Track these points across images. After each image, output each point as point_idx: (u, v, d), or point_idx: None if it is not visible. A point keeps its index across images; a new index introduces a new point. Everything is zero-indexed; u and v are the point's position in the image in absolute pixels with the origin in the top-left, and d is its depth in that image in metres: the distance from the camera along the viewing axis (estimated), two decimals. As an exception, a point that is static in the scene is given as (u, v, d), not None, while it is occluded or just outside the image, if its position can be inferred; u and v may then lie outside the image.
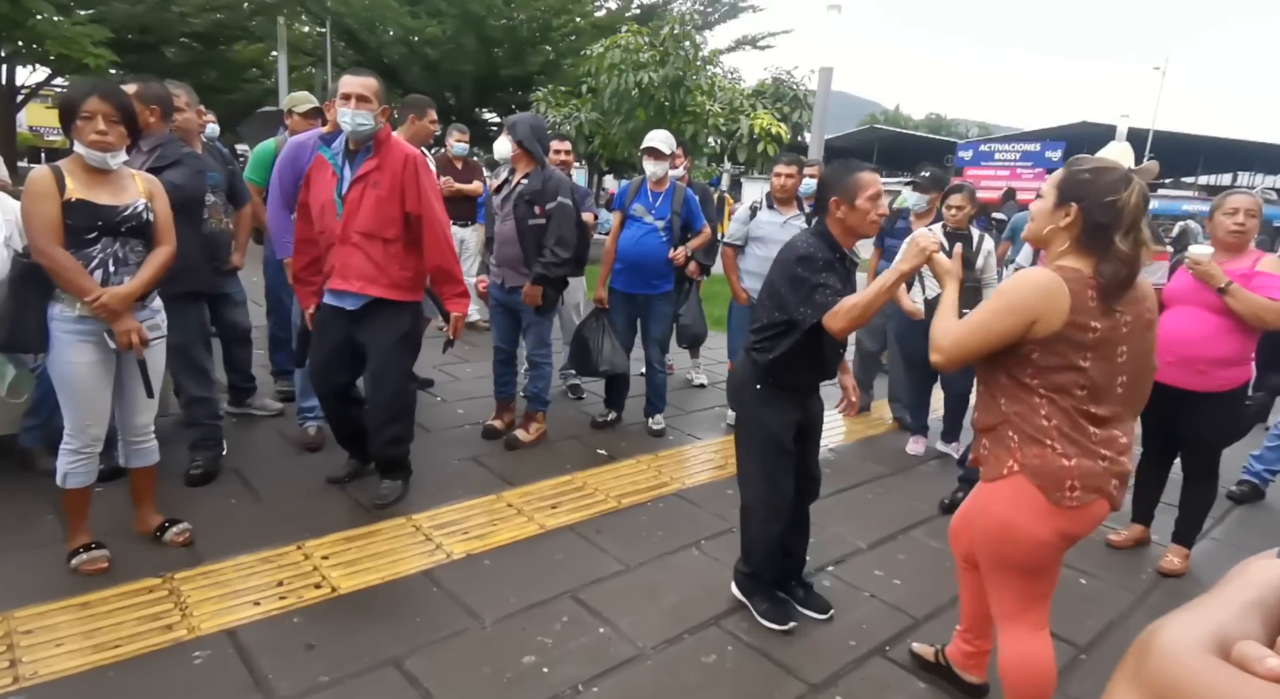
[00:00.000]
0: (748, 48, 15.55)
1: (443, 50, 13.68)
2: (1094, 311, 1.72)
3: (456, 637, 2.40)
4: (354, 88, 2.89)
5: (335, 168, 3.02)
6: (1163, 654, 0.43)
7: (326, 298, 3.14)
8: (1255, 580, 0.50)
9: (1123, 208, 1.70)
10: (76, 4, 11.61)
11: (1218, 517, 3.69)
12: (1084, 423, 1.75)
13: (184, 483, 3.26)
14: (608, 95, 8.72)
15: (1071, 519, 1.76)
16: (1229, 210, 2.98)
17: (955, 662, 2.32)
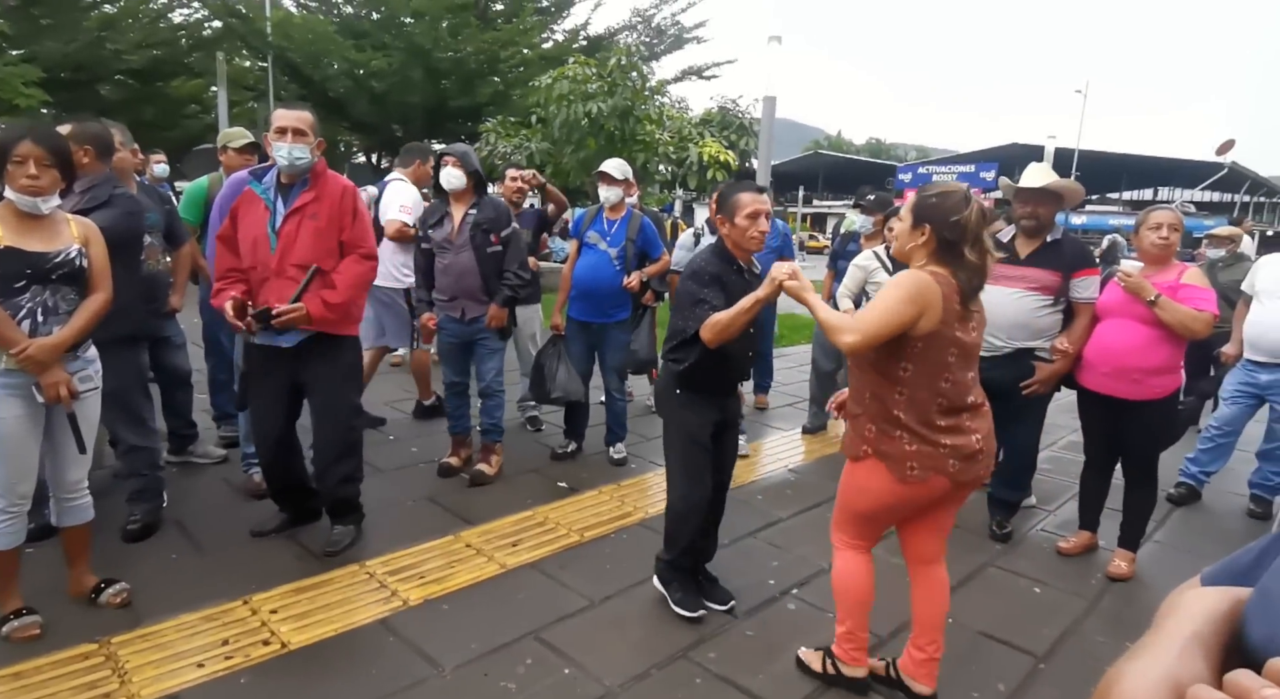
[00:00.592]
0: (694, 78, 15.90)
1: (389, 82, 13.63)
2: (958, 313, 2.03)
3: (416, 687, 2.31)
4: (289, 122, 2.85)
5: (267, 202, 2.95)
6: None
7: (260, 338, 3.04)
8: (1189, 614, 0.51)
9: (965, 224, 2.00)
10: (7, 44, 11.25)
11: (1159, 519, 3.82)
12: (933, 415, 2.06)
13: (121, 538, 3.10)
14: (558, 125, 8.78)
15: (913, 489, 2.12)
16: (1153, 225, 3.13)
17: (906, 671, 2.37)
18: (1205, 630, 0.49)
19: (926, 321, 1.98)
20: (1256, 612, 0.49)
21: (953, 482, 2.10)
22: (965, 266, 2.02)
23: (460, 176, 3.75)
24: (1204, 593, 0.54)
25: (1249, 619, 0.49)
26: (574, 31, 15.99)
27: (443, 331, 3.90)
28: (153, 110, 14.93)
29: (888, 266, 4.16)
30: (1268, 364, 3.92)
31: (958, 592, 3.07)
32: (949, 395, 2.06)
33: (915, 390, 2.04)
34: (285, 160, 2.87)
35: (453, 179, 3.75)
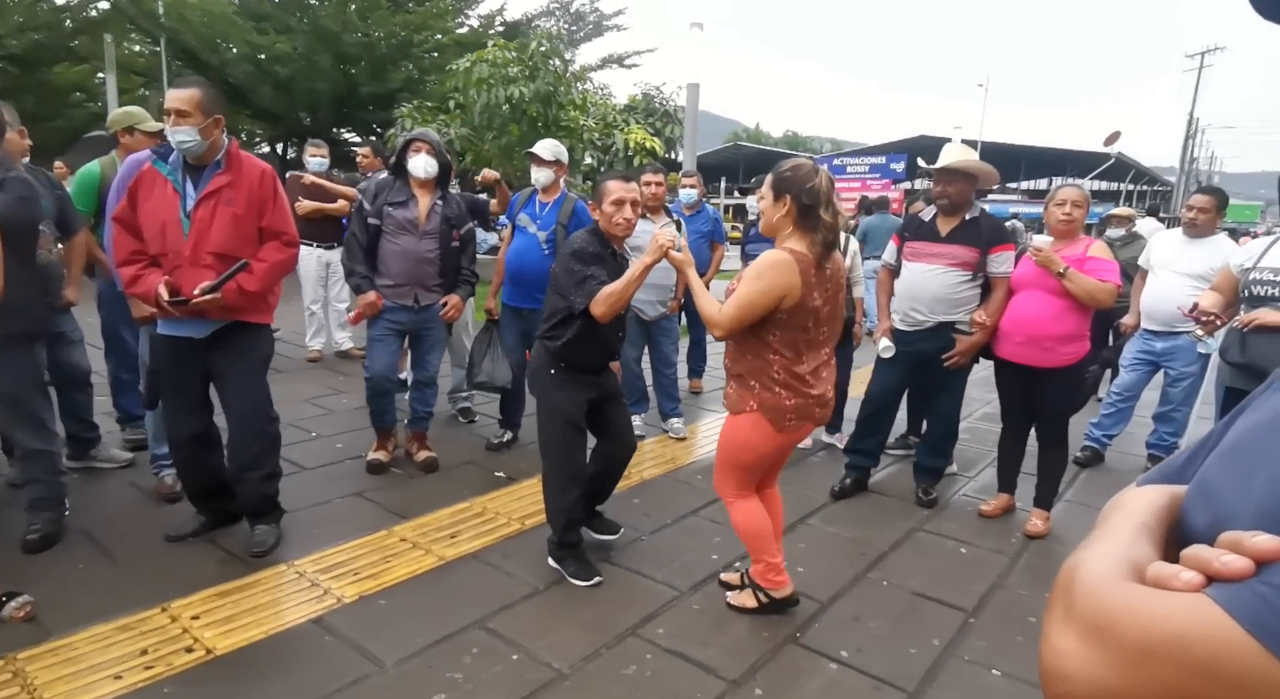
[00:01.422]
0: (615, 66, 15.79)
1: (294, 68, 12.92)
2: (815, 285, 2.31)
3: (356, 685, 2.22)
4: (171, 102, 2.66)
5: (175, 184, 2.75)
6: (1087, 590, 0.44)
7: (167, 328, 2.84)
8: (1134, 508, 0.54)
9: (818, 189, 2.28)
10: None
11: (1068, 480, 4.06)
12: (802, 372, 2.37)
13: (21, 550, 2.86)
14: (477, 110, 8.55)
15: (789, 437, 2.46)
16: (1059, 202, 3.32)
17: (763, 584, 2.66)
18: (1150, 521, 0.51)
19: (788, 300, 2.27)
20: (1195, 502, 0.51)
21: (816, 425, 2.50)
22: (822, 227, 2.30)
23: (434, 165, 3.65)
24: (1143, 490, 0.57)
25: (1188, 511, 0.51)
26: (490, 17, 15.61)
27: (386, 317, 3.71)
28: (34, 99, 13.68)
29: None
30: (1162, 333, 4.21)
31: (891, 555, 3.19)
32: (811, 353, 2.39)
33: (785, 351, 2.35)
34: (175, 144, 2.70)
35: (427, 166, 3.63)
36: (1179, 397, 4.29)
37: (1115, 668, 0.40)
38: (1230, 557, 0.40)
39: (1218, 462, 0.52)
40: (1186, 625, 0.38)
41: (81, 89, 15.22)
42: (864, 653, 2.47)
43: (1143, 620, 0.40)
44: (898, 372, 3.73)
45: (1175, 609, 0.39)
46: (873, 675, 2.35)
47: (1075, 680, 0.42)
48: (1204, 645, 0.37)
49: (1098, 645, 0.41)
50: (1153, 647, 0.39)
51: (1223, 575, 0.39)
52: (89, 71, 14.58)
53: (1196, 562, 0.41)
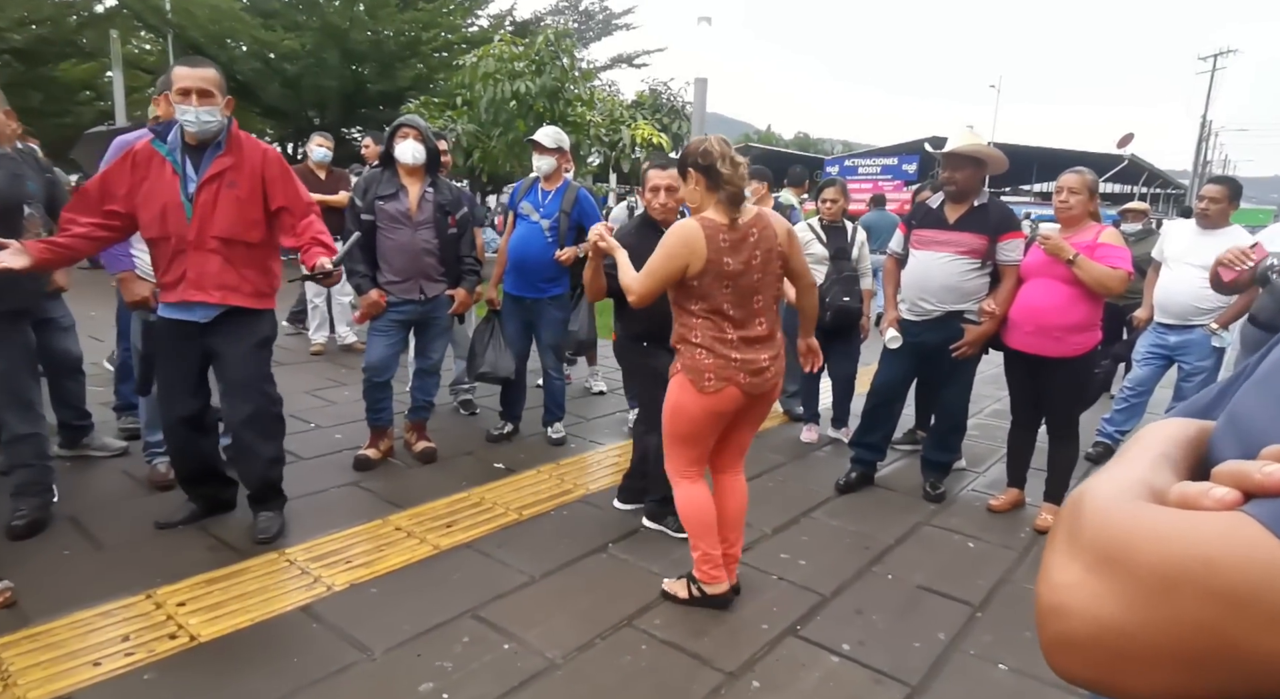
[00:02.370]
0: (624, 66, 15.77)
1: (302, 65, 12.96)
2: (727, 250, 2.33)
3: (343, 673, 2.16)
4: (194, 82, 2.60)
5: (175, 165, 2.70)
6: (1096, 513, 0.37)
7: (168, 311, 2.80)
8: (1155, 438, 0.46)
9: (710, 149, 2.36)
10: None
11: (1079, 476, 3.94)
12: (725, 335, 2.41)
13: (6, 536, 2.81)
14: (484, 105, 8.51)
15: (713, 400, 2.42)
16: (1056, 190, 3.31)
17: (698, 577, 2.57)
18: (1174, 452, 0.44)
19: (695, 264, 2.32)
20: (1225, 436, 0.45)
21: (744, 394, 2.43)
22: (724, 181, 2.35)
23: (422, 151, 3.57)
24: (1167, 422, 0.50)
25: (1216, 445, 0.45)
26: (500, 16, 15.61)
27: (392, 311, 3.65)
28: (41, 96, 13.79)
29: (821, 237, 4.18)
30: (1175, 326, 4.11)
31: (896, 549, 3.11)
32: (733, 319, 2.40)
33: (705, 316, 2.40)
34: (195, 125, 2.64)
35: (416, 153, 3.56)
36: (1193, 391, 4.17)
37: (1126, 601, 0.33)
38: (1276, 466, 0.33)
39: (1250, 391, 0.45)
40: (1218, 548, 0.31)
41: (89, 87, 15.32)
42: (866, 646, 2.39)
43: (1163, 544, 0.33)
44: (904, 363, 3.64)
45: (1205, 530, 0.32)
46: (874, 669, 2.28)
47: (1076, 617, 0.35)
48: (1239, 571, 0.31)
49: (1107, 575, 0.34)
50: (1174, 575, 0.32)
51: (1267, 488, 0.32)
52: (96, 68, 14.66)
53: (1233, 477, 0.34)
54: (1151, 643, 0.33)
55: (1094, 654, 0.35)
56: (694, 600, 2.56)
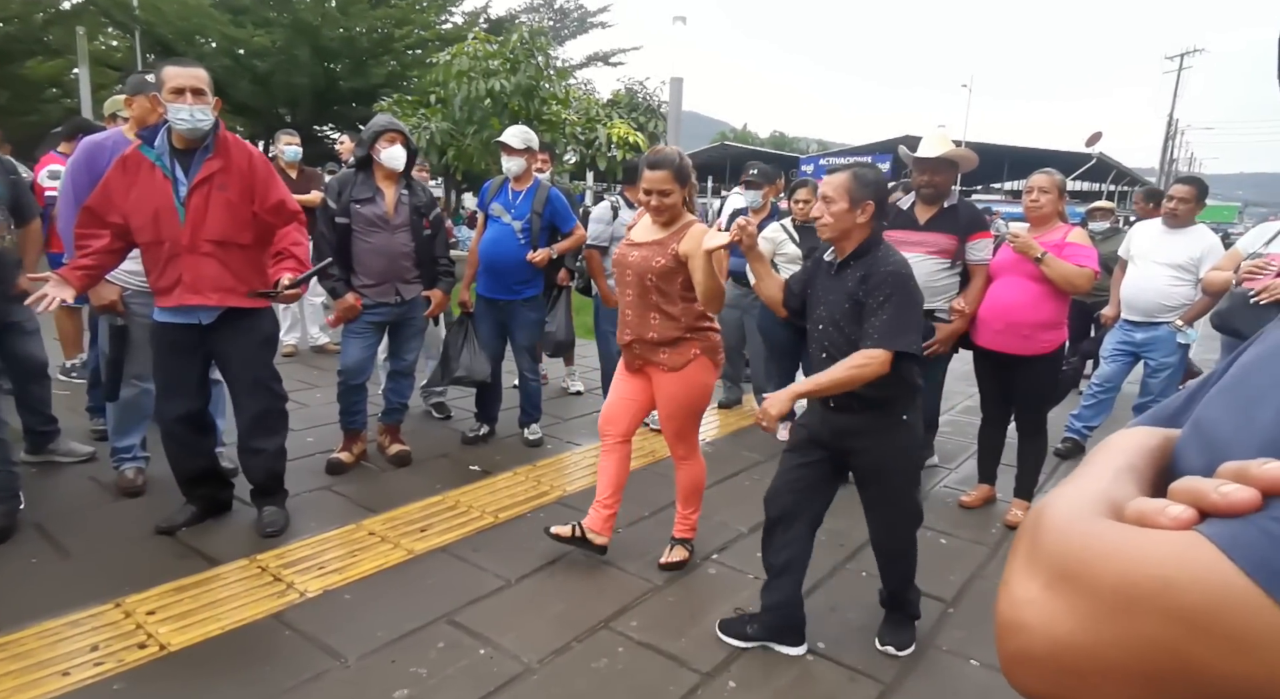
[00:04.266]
0: (599, 64, 15.74)
1: (273, 62, 12.78)
2: None
3: (315, 681, 2.14)
4: (188, 80, 2.60)
5: (165, 170, 2.67)
6: (1055, 529, 0.37)
7: (166, 315, 2.79)
8: (1119, 448, 0.46)
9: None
10: None
11: (1049, 471, 4.04)
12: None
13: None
14: (458, 103, 8.45)
15: (715, 374, 2.81)
16: (1026, 189, 3.39)
17: (593, 528, 2.84)
18: (1139, 462, 0.45)
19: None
20: (1190, 444, 0.45)
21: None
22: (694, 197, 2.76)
23: (404, 155, 3.56)
24: (1130, 431, 0.50)
25: (1181, 454, 0.45)
26: (474, 14, 15.50)
27: (368, 314, 3.61)
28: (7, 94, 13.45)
29: (794, 237, 4.21)
30: (1142, 323, 4.20)
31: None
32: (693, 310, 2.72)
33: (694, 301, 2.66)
34: (188, 124, 2.63)
35: (398, 158, 3.53)
36: (1159, 387, 4.27)
37: (1084, 619, 0.33)
38: (1231, 487, 0.33)
39: (1216, 398, 0.45)
40: (1174, 568, 0.32)
41: (56, 84, 14.96)
42: (840, 644, 2.42)
43: (1120, 563, 0.33)
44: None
45: (1161, 549, 0.33)
46: (848, 666, 2.31)
47: (1034, 633, 0.35)
48: (1194, 592, 0.31)
49: (1065, 592, 0.34)
50: (1131, 594, 0.32)
51: (1221, 509, 0.33)
52: (63, 66, 14.32)
53: (1189, 494, 0.35)
54: (1108, 660, 0.33)
55: (1052, 670, 0.35)
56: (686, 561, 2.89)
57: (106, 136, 3.12)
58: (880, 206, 2.30)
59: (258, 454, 3.01)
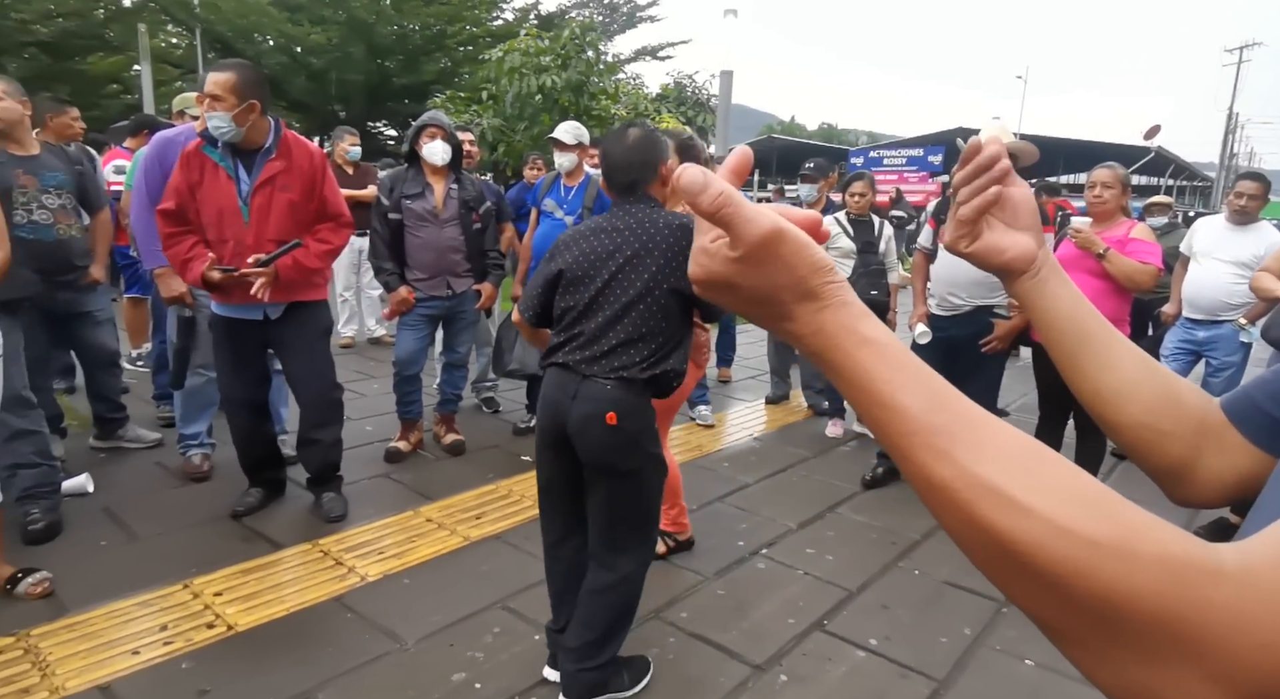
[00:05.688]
0: (649, 58, 15.71)
1: (328, 59, 13.08)
2: None
3: (375, 662, 2.20)
4: (208, 87, 2.65)
5: (229, 170, 2.76)
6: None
7: (228, 310, 2.89)
8: None
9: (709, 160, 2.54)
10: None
11: (1106, 472, 3.92)
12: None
13: (23, 542, 2.73)
14: (509, 100, 8.54)
15: (698, 374, 2.73)
16: (1089, 185, 3.29)
17: (674, 531, 2.85)
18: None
19: None
20: None
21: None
22: None
23: (448, 150, 3.60)
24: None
25: None
26: (525, 10, 15.61)
27: (420, 306, 3.69)
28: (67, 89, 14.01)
29: (848, 231, 4.15)
30: (1204, 321, 4.04)
31: (922, 545, 3.09)
32: None
33: None
34: (211, 130, 2.70)
35: (442, 152, 3.59)
36: (1220, 387, 4.09)
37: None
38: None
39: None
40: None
41: (117, 80, 15.50)
42: (892, 641, 2.39)
43: None
44: (932, 358, 3.59)
45: None
46: (900, 663, 2.27)
47: None
48: None
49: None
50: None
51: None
52: (124, 62, 14.82)
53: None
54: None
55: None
56: (671, 550, 2.87)
57: (178, 132, 3.23)
58: None
59: (316, 445, 3.10)
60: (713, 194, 0.43)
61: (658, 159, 2.08)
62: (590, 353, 1.96)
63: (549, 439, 2.03)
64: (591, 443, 1.94)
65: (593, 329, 1.97)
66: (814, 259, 0.45)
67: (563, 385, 1.98)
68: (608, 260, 1.97)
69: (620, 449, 1.95)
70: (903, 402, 0.43)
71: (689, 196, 0.44)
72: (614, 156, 2.07)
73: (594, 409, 1.92)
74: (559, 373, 2.01)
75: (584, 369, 1.96)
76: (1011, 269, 0.70)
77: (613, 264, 1.97)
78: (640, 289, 1.94)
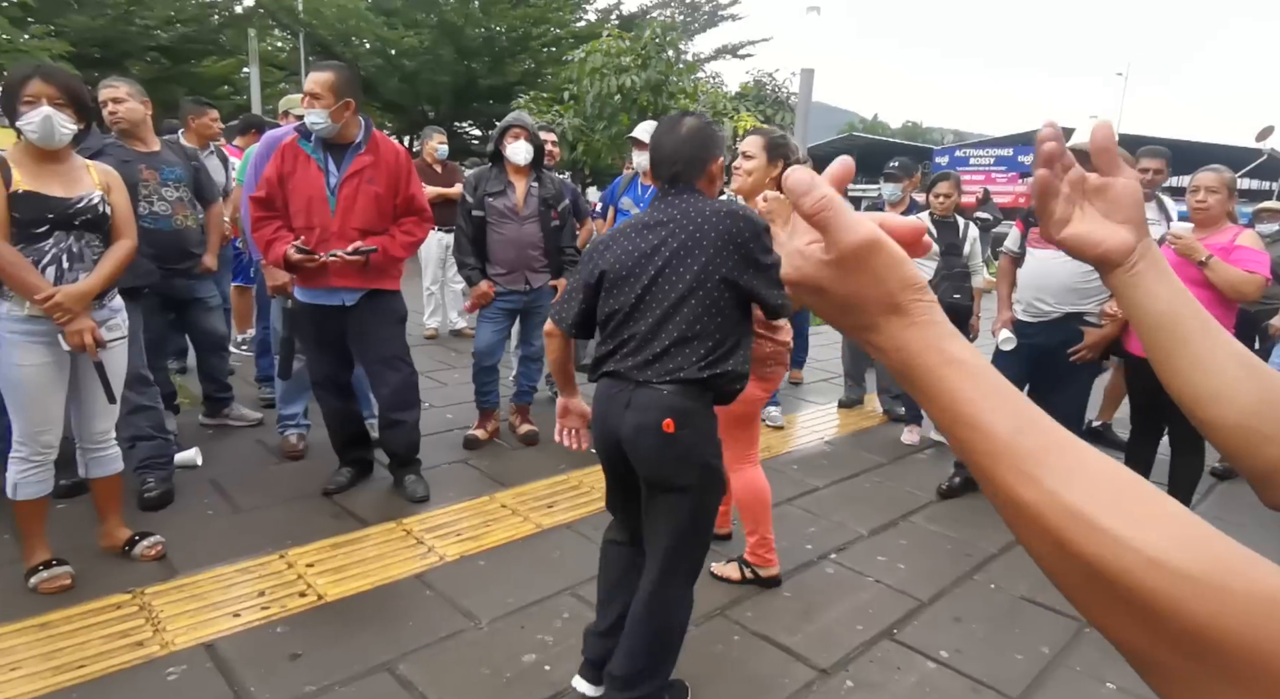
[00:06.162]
0: (729, 56, 15.63)
1: (420, 61, 13.56)
2: None
3: (452, 639, 2.31)
4: (309, 86, 2.87)
5: (319, 162, 2.95)
6: None
7: (310, 296, 3.07)
8: None
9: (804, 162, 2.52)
10: (32, 18, 11.29)
11: (1203, 492, 3.69)
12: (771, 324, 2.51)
13: (139, 507, 2.98)
14: (590, 100, 8.68)
15: (767, 386, 2.60)
16: (1191, 189, 3.10)
17: (755, 563, 2.67)
18: None
19: None
20: None
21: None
22: None
23: (530, 150, 3.73)
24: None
25: None
26: (607, 10, 15.80)
27: (499, 300, 3.84)
28: (183, 90, 15.03)
29: (932, 232, 4.04)
30: (1322, 335, 3.76)
31: (999, 558, 3.00)
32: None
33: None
34: (309, 125, 2.88)
35: (526, 152, 3.72)
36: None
37: None
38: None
39: None
40: None
41: (227, 82, 16.52)
42: (964, 654, 2.33)
43: None
44: (1016, 366, 3.48)
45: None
46: (973, 678, 2.22)
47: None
48: None
49: None
50: None
51: None
52: (235, 65, 15.77)
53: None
54: None
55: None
56: (747, 581, 2.68)
57: (285, 131, 3.45)
58: None
59: (399, 426, 3.27)
60: (816, 196, 0.45)
61: (708, 155, 1.93)
62: (642, 358, 1.83)
63: (603, 454, 1.96)
64: (647, 455, 1.82)
65: (643, 331, 1.83)
66: (905, 274, 0.46)
67: (614, 396, 1.86)
68: (653, 256, 1.84)
69: (678, 461, 1.83)
70: (989, 423, 0.43)
71: (794, 196, 0.46)
72: (663, 146, 1.93)
73: (649, 418, 1.79)
74: (610, 383, 1.90)
75: (636, 376, 1.83)
76: (1107, 261, 0.69)
77: (659, 259, 1.83)
78: (691, 282, 1.80)
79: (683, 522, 1.87)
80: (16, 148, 2.35)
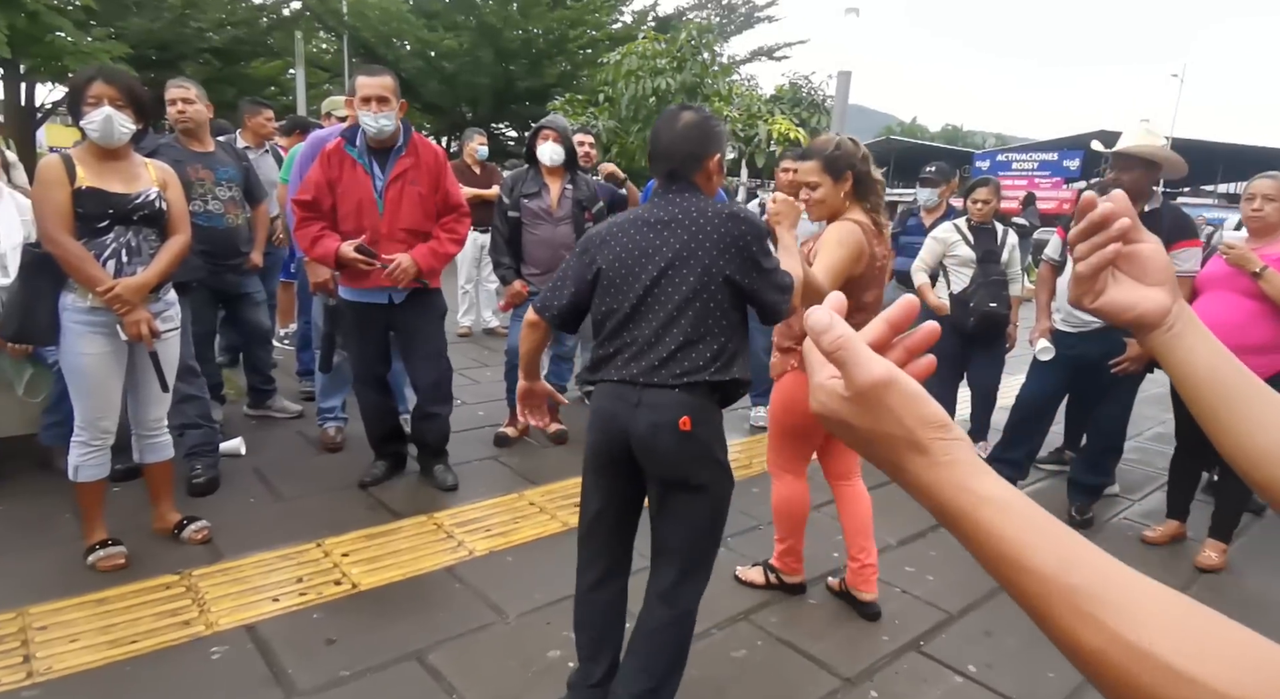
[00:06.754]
0: (764, 58, 15.59)
1: (460, 63, 13.81)
2: (875, 250, 2.35)
3: (480, 631, 2.35)
4: (373, 90, 2.91)
5: (365, 166, 3.02)
6: None
7: (356, 295, 3.15)
8: None
9: (867, 155, 2.37)
10: (95, 21, 11.75)
11: (1242, 526, 3.57)
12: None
13: (188, 493, 3.10)
14: (625, 102, 8.74)
15: None
16: (1249, 196, 3.01)
17: (852, 584, 2.57)
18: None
19: (857, 267, 2.28)
20: None
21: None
22: (874, 190, 2.38)
23: (562, 152, 3.78)
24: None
25: None
26: (643, 12, 15.88)
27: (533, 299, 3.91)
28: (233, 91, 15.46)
29: (968, 238, 3.99)
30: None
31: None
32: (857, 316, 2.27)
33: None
34: (374, 129, 2.95)
35: (555, 154, 3.77)
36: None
37: None
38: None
39: None
40: None
41: (274, 82, 16.98)
42: (994, 669, 2.30)
43: None
44: (1055, 376, 3.43)
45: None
46: (1002, 693, 2.19)
47: None
48: None
49: None
50: None
51: None
52: (282, 66, 16.22)
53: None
54: None
55: None
56: (771, 587, 2.68)
57: (330, 133, 3.55)
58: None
59: (434, 418, 3.35)
60: (833, 336, 0.47)
61: (705, 151, 1.85)
62: (647, 362, 1.75)
63: (604, 460, 1.87)
64: (663, 454, 1.75)
65: (647, 335, 1.76)
66: (924, 413, 0.46)
67: (620, 396, 1.78)
68: (654, 255, 1.77)
69: (695, 459, 1.77)
70: (1034, 561, 0.43)
71: (813, 335, 0.48)
72: (660, 141, 1.87)
73: (665, 417, 1.73)
74: (612, 387, 1.81)
75: (642, 380, 1.76)
76: (1144, 323, 0.69)
77: (660, 259, 1.76)
78: (695, 284, 1.75)
79: (701, 520, 1.86)
80: (80, 147, 2.46)
